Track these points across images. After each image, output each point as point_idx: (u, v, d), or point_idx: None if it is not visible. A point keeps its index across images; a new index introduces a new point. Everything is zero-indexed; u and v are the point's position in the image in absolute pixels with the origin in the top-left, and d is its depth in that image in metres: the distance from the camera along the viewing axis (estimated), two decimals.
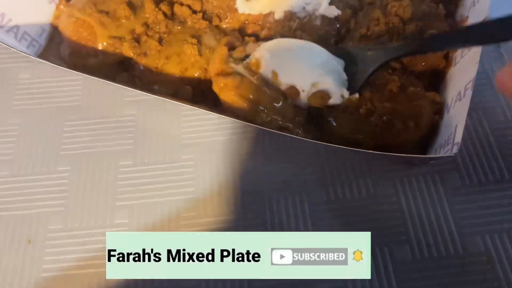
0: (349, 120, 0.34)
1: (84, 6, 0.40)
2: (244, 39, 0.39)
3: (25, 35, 0.40)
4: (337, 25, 0.39)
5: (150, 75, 0.38)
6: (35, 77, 0.41)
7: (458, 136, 0.29)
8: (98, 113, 0.39)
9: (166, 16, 0.40)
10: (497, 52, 0.40)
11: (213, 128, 0.37)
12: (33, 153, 0.37)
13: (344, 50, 0.37)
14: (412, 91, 0.34)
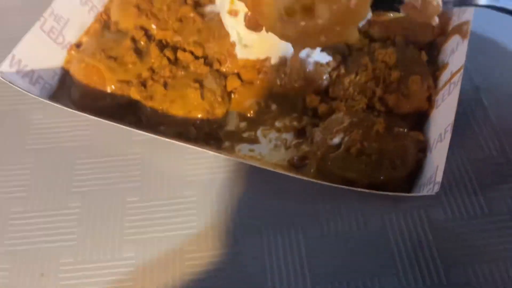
0: (342, 159, 0.36)
1: (94, 52, 0.43)
2: None
3: (39, 78, 0.43)
4: (329, 70, 0.43)
5: (156, 117, 0.41)
6: (47, 118, 0.43)
7: (438, 176, 0.32)
8: (106, 152, 0.41)
9: (170, 61, 0.43)
10: (476, 95, 0.43)
11: (215, 166, 0.40)
12: (46, 190, 0.39)
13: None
14: (397, 132, 0.37)
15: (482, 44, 0.47)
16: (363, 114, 0.39)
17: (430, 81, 0.40)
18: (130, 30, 0.45)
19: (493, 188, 0.38)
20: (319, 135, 0.39)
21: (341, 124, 0.38)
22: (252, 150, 0.41)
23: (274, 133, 0.42)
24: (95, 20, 0.47)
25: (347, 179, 0.36)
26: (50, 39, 0.44)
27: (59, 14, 0.44)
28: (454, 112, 0.35)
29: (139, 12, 0.45)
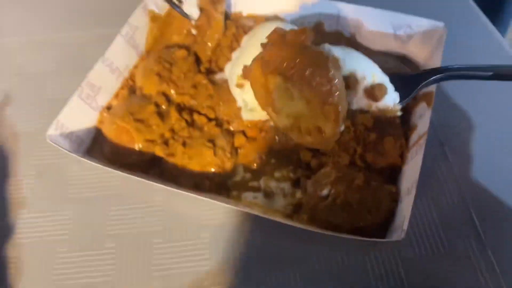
0: (329, 209, 0.45)
1: (123, 115, 0.51)
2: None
3: (77, 138, 0.51)
4: None
5: (177, 170, 0.49)
6: (84, 170, 0.52)
7: (405, 225, 0.40)
8: (134, 200, 0.49)
9: (188, 123, 0.52)
10: (441, 150, 0.52)
11: (224, 212, 0.48)
12: (85, 233, 0.48)
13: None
14: (374, 185, 0.46)
15: (448, 103, 0.55)
16: (346, 169, 0.47)
17: (402, 141, 0.49)
18: (153, 95, 0.53)
19: (454, 230, 0.46)
20: (310, 187, 0.47)
21: (329, 178, 0.47)
22: (256, 197, 0.49)
23: (274, 183, 0.50)
24: (122, 86, 0.56)
25: (334, 224, 0.44)
26: (86, 104, 0.52)
27: (93, 83, 0.52)
28: (418, 171, 0.43)
29: (160, 79, 0.54)
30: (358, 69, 0.49)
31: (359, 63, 0.49)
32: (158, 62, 0.55)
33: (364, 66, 0.49)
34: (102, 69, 0.54)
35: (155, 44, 0.59)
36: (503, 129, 0.53)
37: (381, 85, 0.49)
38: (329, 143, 0.47)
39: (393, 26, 0.57)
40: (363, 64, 0.49)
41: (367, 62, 0.50)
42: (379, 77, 0.50)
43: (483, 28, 0.66)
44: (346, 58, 0.48)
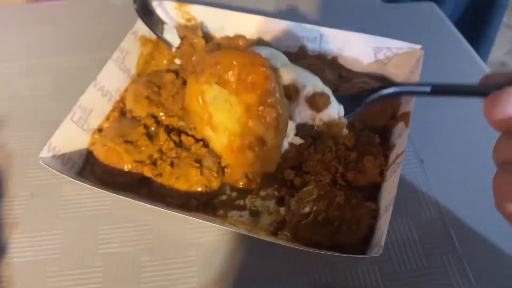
0: (311, 226, 0.46)
1: (113, 137, 0.53)
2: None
3: (69, 160, 0.53)
4: (301, 149, 0.53)
5: (164, 190, 0.51)
6: (75, 191, 0.53)
7: (383, 241, 0.42)
8: (124, 219, 0.51)
9: (176, 143, 0.54)
10: (420, 167, 0.54)
11: (211, 230, 0.50)
12: (76, 252, 0.49)
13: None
14: (354, 203, 0.47)
15: (428, 121, 0.58)
16: (328, 187, 0.49)
17: (381, 160, 0.51)
18: (142, 117, 0.55)
19: (431, 246, 0.48)
20: (294, 204, 0.49)
21: (311, 195, 0.48)
22: (242, 216, 0.51)
23: (259, 201, 0.52)
24: (113, 108, 0.58)
25: (316, 241, 0.46)
26: (78, 127, 0.54)
27: (85, 106, 0.54)
28: (395, 189, 0.45)
29: (150, 102, 0.56)
30: (297, 78, 0.49)
31: (298, 73, 0.50)
32: (147, 86, 0.57)
33: (304, 76, 0.50)
34: (94, 93, 0.56)
35: (145, 68, 0.61)
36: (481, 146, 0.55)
37: (322, 94, 0.48)
38: (272, 160, 0.48)
39: (373, 49, 0.60)
40: (303, 74, 0.50)
41: (306, 73, 0.50)
42: (320, 87, 0.49)
43: (461, 50, 0.69)
44: (286, 68, 0.49)
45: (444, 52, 0.68)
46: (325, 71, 0.59)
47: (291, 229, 0.48)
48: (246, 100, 0.44)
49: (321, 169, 0.51)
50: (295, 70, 0.50)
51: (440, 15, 0.75)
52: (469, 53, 0.69)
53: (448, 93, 0.40)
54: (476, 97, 0.35)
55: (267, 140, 0.45)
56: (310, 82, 0.49)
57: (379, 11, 0.76)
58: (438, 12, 0.76)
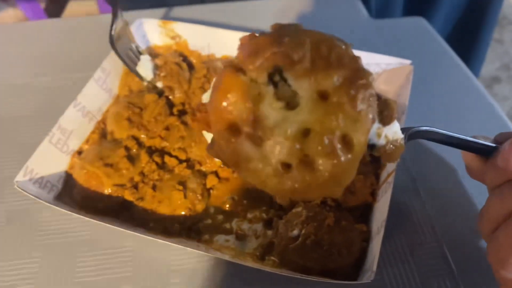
0: (300, 250, 0.44)
1: (93, 160, 0.51)
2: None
3: (48, 183, 0.50)
4: None
5: (146, 215, 0.49)
6: (54, 216, 0.51)
7: (374, 265, 0.40)
8: (104, 245, 0.48)
9: (158, 165, 0.52)
10: (413, 186, 0.52)
11: (195, 256, 0.47)
12: (52, 281, 0.46)
13: None
14: (344, 225, 0.45)
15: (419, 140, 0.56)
16: (317, 208, 0.47)
17: (372, 179, 0.49)
18: (123, 139, 0.53)
19: (426, 268, 0.46)
20: (282, 227, 0.47)
21: (300, 217, 0.46)
22: (228, 240, 0.49)
23: (246, 224, 0.50)
24: (94, 129, 0.56)
25: (305, 266, 0.43)
26: (57, 149, 0.52)
27: (64, 127, 0.52)
28: (387, 210, 0.43)
29: (131, 124, 0.54)
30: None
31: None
32: (128, 107, 0.55)
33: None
34: (74, 114, 0.54)
35: (128, 88, 0.60)
36: None
37: (390, 101, 0.33)
38: (350, 174, 0.30)
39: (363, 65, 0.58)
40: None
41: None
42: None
43: (452, 65, 0.67)
44: None
45: (434, 68, 0.67)
46: None
47: (279, 253, 0.45)
48: (324, 85, 0.29)
49: None
50: None
51: (430, 30, 0.74)
52: (459, 68, 0.67)
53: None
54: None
55: (354, 140, 0.29)
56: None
57: (368, 26, 0.76)
58: (428, 27, 0.75)
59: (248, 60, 0.29)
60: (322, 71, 0.29)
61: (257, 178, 0.30)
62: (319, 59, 0.29)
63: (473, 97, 0.63)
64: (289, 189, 0.30)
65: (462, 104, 0.62)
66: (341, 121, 0.28)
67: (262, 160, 0.29)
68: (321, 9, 0.80)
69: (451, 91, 0.63)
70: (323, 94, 0.29)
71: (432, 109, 0.60)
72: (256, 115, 0.29)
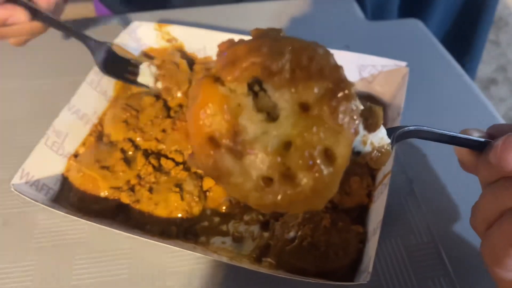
0: (296, 251, 0.44)
1: (89, 163, 0.51)
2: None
3: (44, 186, 0.50)
4: None
5: (143, 217, 0.49)
6: (50, 219, 0.51)
7: (370, 267, 0.40)
8: (101, 248, 0.48)
9: (155, 168, 0.52)
10: (409, 187, 0.52)
11: (192, 258, 0.47)
12: (48, 285, 0.46)
13: None
14: (341, 226, 0.45)
15: (414, 140, 0.56)
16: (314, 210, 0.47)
17: (368, 180, 0.49)
18: (119, 142, 0.53)
19: (423, 271, 0.46)
20: (278, 229, 0.47)
21: (296, 219, 0.46)
22: (224, 242, 0.49)
23: (243, 226, 0.50)
24: (90, 132, 0.56)
25: (301, 268, 0.43)
26: (53, 152, 0.52)
27: (59, 129, 0.52)
28: (383, 211, 0.43)
29: (127, 126, 0.54)
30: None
31: None
32: (125, 109, 0.55)
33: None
34: (68, 116, 0.54)
35: (124, 90, 0.60)
36: None
37: (375, 108, 0.32)
38: (332, 187, 0.30)
39: (358, 67, 0.58)
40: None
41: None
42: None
43: (447, 67, 0.68)
44: None
45: (430, 69, 0.67)
46: None
47: (276, 255, 0.45)
48: (304, 97, 0.28)
49: None
50: None
51: (426, 32, 0.74)
52: (455, 70, 0.68)
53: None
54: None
55: (336, 153, 0.29)
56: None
57: (363, 28, 0.76)
58: (424, 29, 0.75)
59: (226, 70, 0.28)
60: (303, 82, 0.28)
61: (239, 192, 0.29)
62: (299, 70, 0.28)
63: (468, 99, 0.63)
64: (271, 204, 0.29)
65: (457, 105, 0.62)
66: (323, 134, 0.28)
67: (243, 174, 0.28)
68: (316, 11, 0.80)
69: (447, 93, 0.63)
70: (304, 106, 0.28)
71: (427, 111, 0.61)
72: (235, 129, 0.28)
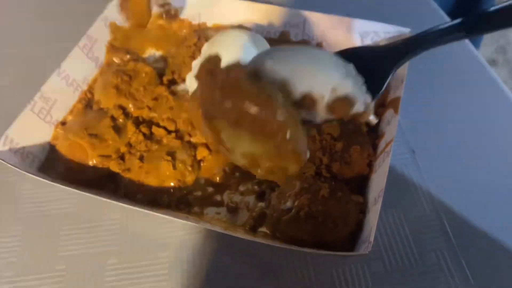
0: (293, 222, 0.42)
1: (77, 130, 0.49)
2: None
3: (29, 154, 0.48)
4: None
5: (133, 186, 0.46)
6: (36, 188, 0.49)
7: (372, 236, 0.38)
8: (89, 218, 0.46)
9: (146, 136, 0.49)
10: (412, 158, 0.50)
11: (185, 229, 0.45)
12: (35, 255, 0.44)
13: (348, 52, 0.42)
14: (340, 196, 0.43)
15: (417, 108, 0.54)
16: (312, 180, 0.45)
17: (369, 150, 0.47)
18: (110, 109, 0.51)
19: (425, 243, 0.44)
20: (275, 199, 0.45)
21: (293, 189, 0.44)
22: (219, 212, 0.47)
23: (238, 196, 0.48)
24: (79, 100, 0.53)
25: (298, 238, 0.41)
26: (40, 119, 0.49)
27: (47, 96, 0.50)
28: (385, 179, 0.41)
29: (118, 92, 0.51)
30: (313, 86, 0.37)
31: (312, 78, 0.38)
32: (117, 75, 0.52)
33: (320, 80, 0.38)
34: (58, 82, 0.51)
35: (115, 56, 0.57)
36: (475, 136, 0.52)
37: (345, 99, 0.38)
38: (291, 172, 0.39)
39: (360, 34, 0.56)
40: (319, 77, 0.38)
41: (322, 74, 0.38)
42: (342, 88, 0.38)
43: None
44: (296, 74, 0.37)
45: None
46: None
47: (272, 225, 0.43)
48: (262, 140, 0.37)
49: None
50: (309, 74, 0.38)
51: (429, 0, 0.72)
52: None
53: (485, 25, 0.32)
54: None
55: (290, 169, 0.39)
56: (327, 87, 0.38)
57: None
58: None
59: (204, 111, 0.39)
60: (256, 133, 0.36)
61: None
62: (251, 125, 0.36)
63: (473, 67, 0.60)
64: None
65: (462, 73, 0.59)
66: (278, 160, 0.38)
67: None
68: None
69: (451, 61, 0.61)
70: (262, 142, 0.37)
71: (430, 79, 0.58)
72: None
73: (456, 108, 0.54)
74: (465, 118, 0.53)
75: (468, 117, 0.53)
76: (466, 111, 0.54)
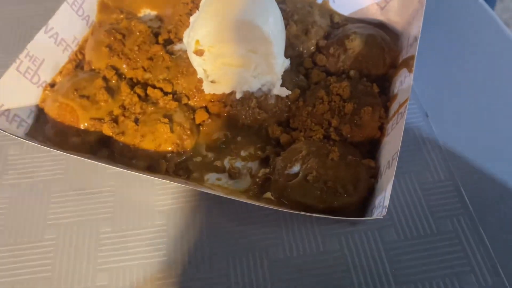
0: (300, 187, 0.39)
1: (67, 92, 0.45)
2: None
3: (16, 117, 0.45)
4: (288, 103, 0.46)
5: (128, 151, 0.43)
6: (24, 153, 0.46)
7: (386, 200, 0.35)
8: (81, 185, 0.43)
9: (141, 98, 0.46)
10: (426, 122, 0.47)
11: (183, 196, 0.43)
12: (22, 223, 0.41)
13: None
14: (350, 160, 0.40)
15: (430, 71, 0.50)
16: (320, 143, 0.42)
17: (381, 112, 0.44)
18: (102, 69, 0.47)
19: (440, 209, 0.41)
20: (280, 163, 0.42)
21: (300, 153, 0.41)
22: (220, 179, 0.44)
23: (240, 162, 0.45)
24: (69, 60, 0.50)
25: (305, 204, 0.39)
26: (26, 79, 0.46)
27: (34, 55, 0.46)
28: (400, 141, 0.38)
29: (111, 52, 0.48)
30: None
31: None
32: (109, 34, 0.49)
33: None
34: (45, 40, 0.47)
35: (107, 15, 0.53)
36: (491, 100, 0.49)
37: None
38: None
39: None
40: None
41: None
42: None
43: None
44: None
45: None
46: (315, 16, 0.51)
47: (276, 191, 0.41)
48: None
49: (311, 123, 0.44)
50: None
51: None
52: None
53: None
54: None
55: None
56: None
57: None
58: None
59: None
60: None
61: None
62: None
63: (487, 28, 0.57)
64: None
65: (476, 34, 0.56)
66: None
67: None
68: None
69: (465, 22, 0.57)
70: None
71: (444, 41, 0.54)
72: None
73: (471, 69, 0.51)
74: (480, 80, 0.50)
75: (483, 79, 0.50)
76: (482, 73, 0.51)
